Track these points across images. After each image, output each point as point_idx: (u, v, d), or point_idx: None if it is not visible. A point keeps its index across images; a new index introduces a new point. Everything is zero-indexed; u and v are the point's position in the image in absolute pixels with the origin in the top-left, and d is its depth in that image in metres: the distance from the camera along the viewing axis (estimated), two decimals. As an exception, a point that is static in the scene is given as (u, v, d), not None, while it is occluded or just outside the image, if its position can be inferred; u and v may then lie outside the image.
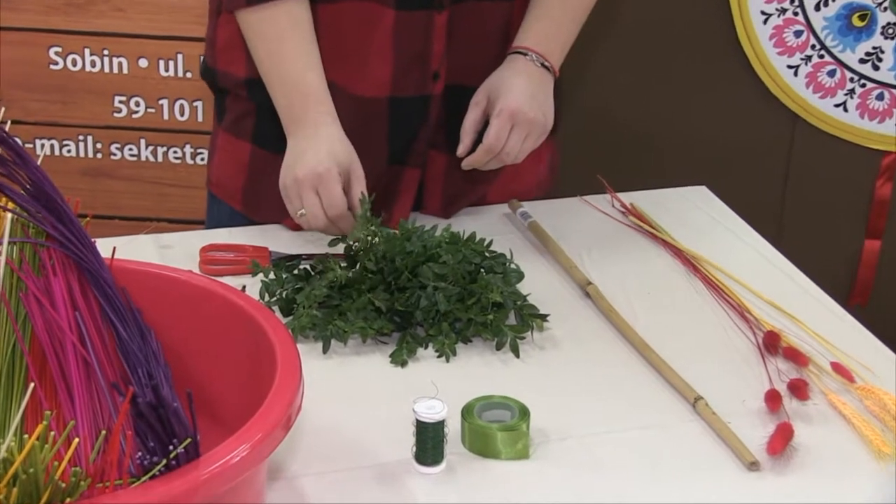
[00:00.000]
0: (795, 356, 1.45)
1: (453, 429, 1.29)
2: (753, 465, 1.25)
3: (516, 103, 1.69)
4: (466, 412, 1.31)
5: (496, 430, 1.28)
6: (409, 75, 1.73)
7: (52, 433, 0.98)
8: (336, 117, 1.67)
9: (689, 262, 1.69)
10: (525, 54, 1.73)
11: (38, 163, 1.26)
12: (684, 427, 1.34)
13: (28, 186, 1.25)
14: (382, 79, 1.73)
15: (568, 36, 1.79)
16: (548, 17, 1.76)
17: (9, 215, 1.24)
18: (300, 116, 1.66)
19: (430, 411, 1.24)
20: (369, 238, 1.52)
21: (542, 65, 1.74)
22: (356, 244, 1.53)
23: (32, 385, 1.05)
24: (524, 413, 1.31)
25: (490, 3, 1.74)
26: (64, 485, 0.96)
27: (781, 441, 1.29)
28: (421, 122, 1.75)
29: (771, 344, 1.48)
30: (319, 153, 1.63)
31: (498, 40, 1.77)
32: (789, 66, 2.76)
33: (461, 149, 1.72)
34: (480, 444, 1.29)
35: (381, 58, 1.71)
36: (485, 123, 1.72)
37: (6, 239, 1.23)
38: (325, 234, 1.64)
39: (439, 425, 1.24)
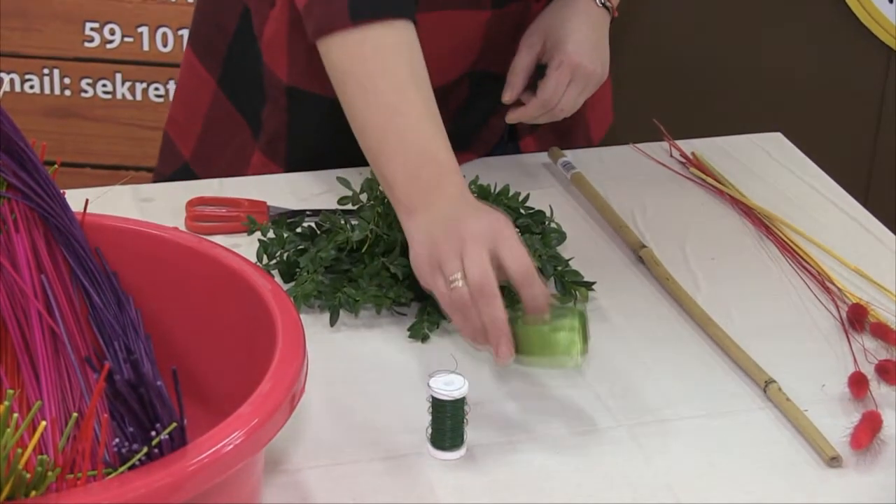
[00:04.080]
0: (885, 333, 1.46)
1: (494, 400, 1.32)
2: (834, 461, 1.25)
3: (577, 56, 1.70)
4: (514, 317, 1.30)
5: (548, 330, 1.29)
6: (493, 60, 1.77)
7: (15, 416, 0.98)
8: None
9: (761, 223, 1.69)
10: None
11: (-2, 99, 1.27)
12: (753, 415, 1.34)
13: (-14, 127, 1.25)
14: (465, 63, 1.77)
15: None
16: None
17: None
18: (433, 187, 1.44)
19: (449, 387, 1.24)
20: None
21: (603, 3, 1.74)
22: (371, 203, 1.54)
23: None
24: (580, 318, 1.30)
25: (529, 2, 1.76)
26: (28, 475, 0.96)
27: (868, 433, 1.29)
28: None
29: (857, 319, 1.48)
30: (487, 214, 1.40)
31: None
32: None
33: (509, 94, 1.72)
34: (533, 343, 1.30)
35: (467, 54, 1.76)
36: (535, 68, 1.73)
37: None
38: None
39: (459, 403, 1.25)
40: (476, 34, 1.73)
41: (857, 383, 1.36)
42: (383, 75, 1.47)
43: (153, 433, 1.01)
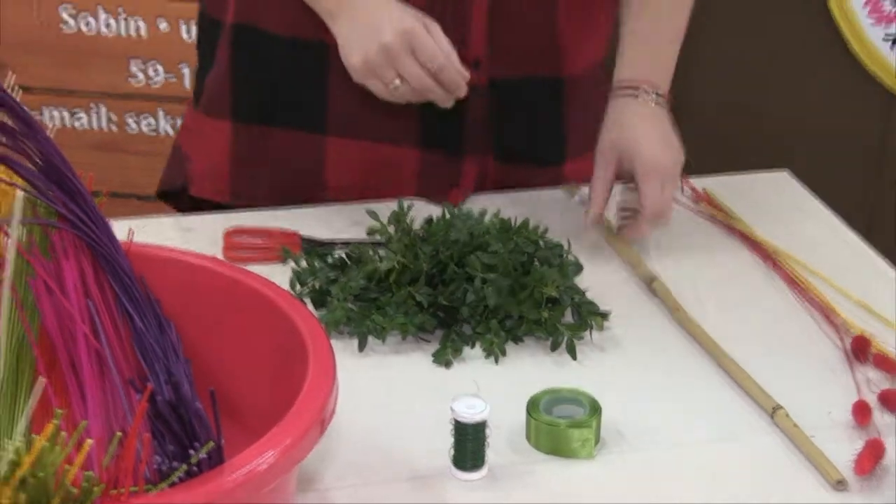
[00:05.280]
0: (887, 364, 1.45)
1: (515, 425, 1.31)
2: (840, 484, 1.25)
3: (656, 160, 1.68)
4: (532, 406, 1.32)
5: (564, 426, 1.29)
6: None
7: (63, 434, 0.99)
8: None
9: (769, 257, 1.69)
10: (635, 94, 1.73)
11: (48, 134, 1.27)
12: (761, 440, 1.34)
13: (37, 160, 1.26)
14: None
15: (673, 55, 1.79)
16: (648, 39, 1.78)
17: (18, 192, 1.25)
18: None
19: (471, 411, 1.24)
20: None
21: (656, 97, 1.73)
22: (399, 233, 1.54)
23: (42, 382, 1.06)
24: (594, 409, 1.32)
25: None
26: (75, 491, 0.97)
27: (871, 459, 1.28)
28: (465, 109, 1.76)
29: (860, 350, 1.48)
30: (397, 14, 1.61)
31: (546, 27, 1.78)
32: (886, 38, 2.75)
33: (595, 212, 1.70)
34: (546, 440, 1.30)
35: None
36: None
37: (15, 219, 1.24)
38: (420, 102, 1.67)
39: (480, 426, 1.24)
40: None
41: (861, 412, 1.36)
42: None
43: (192, 451, 1.01)
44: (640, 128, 1.71)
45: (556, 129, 1.82)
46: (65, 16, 2.69)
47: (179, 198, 1.91)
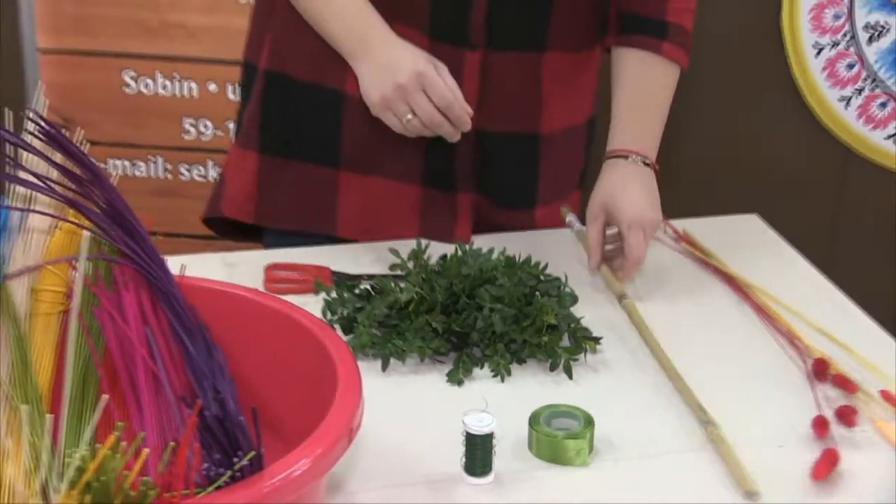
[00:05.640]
0: (844, 383, 1.44)
1: (518, 437, 1.31)
2: (751, 495, 1.23)
3: (640, 214, 1.67)
4: (534, 420, 1.32)
5: (561, 437, 1.29)
6: None
7: (123, 444, 0.99)
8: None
9: (740, 289, 1.68)
10: (626, 158, 1.72)
11: (112, 182, 1.27)
12: (694, 455, 1.33)
13: (102, 205, 1.26)
14: None
15: (659, 126, 1.78)
16: (642, 113, 1.77)
17: (85, 233, 1.25)
18: (368, 36, 1.69)
19: (480, 424, 1.24)
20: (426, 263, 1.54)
21: (644, 163, 1.73)
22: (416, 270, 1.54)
23: (105, 398, 1.05)
24: (588, 422, 1.31)
25: (521, 52, 1.75)
26: (133, 493, 0.97)
27: (826, 466, 1.28)
28: (455, 153, 1.76)
29: (820, 371, 1.47)
30: (411, 57, 1.66)
31: (531, 90, 1.78)
32: (841, 99, 2.75)
33: (594, 264, 1.69)
34: (546, 450, 1.29)
35: None
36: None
37: (83, 256, 1.24)
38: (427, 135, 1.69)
39: (488, 437, 1.24)
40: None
41: (820, 425, 1.35)
42: None
43: (235, 459, 1.01)
44: (628, 191, 1.69)
45: (530, 178, 1.82)
46: (127, 79, 2.69)
47: (218, 222, 1.92)
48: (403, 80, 1.62)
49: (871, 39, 2.70)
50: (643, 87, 1.78)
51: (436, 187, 1.80)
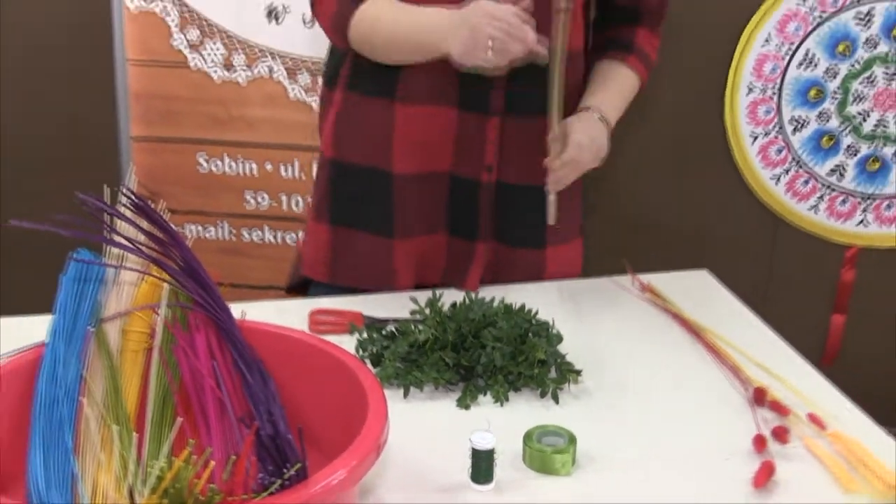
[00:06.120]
0: (778, 408, 1.43)
1: (515, 451, 1.30)
2: None
3: (587, 137, 1.70)
4: (527, 437, 1.30)
5: (549, 452, 1.28)
6: (467, 162, 1.75)
7: (194, 457, 0.98)
8: None
9: (694, 331, 1.67)
10: (588, 110, 1.75)
11: (187, 243, 1.27)
12: (667, 466, 1.32)
13: (179, 262, 1.26)
14: (446, 161, 1.75)
15: (620, 105, 1.81)
16: (606, 89, 1.79)
17: (166, 285, 1.25)
18: (433, 22, 1.61)
19: (483, 441, 1.23)
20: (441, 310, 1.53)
21: (601, 119, 1.74)
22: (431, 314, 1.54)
23: (180, 420, 1.05)
24: (571, 440, 1.30)
25: (536, 116, 1.73)
26: (202, 498, 0.96)
27: (765, 476, 1.27)
28: (478, 204, 1.76)
29: (759, 398, 1.46)
30: (472, 6, 1.56)
31: (541, 147, 1.76)
32: (772, 177, 2.75)
33: (550, 135, 1.70)
34: (537, 462, 1.28)
35: (445, 146, 1.74)
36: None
37: (163, 303, 1.24)
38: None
39: (490, 452, 1.23)
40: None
41: (759, 442, 1.34)
42: (382, 19, 1.65)
43: (285, 470, 1.00)
44: (583, 124, 1.72)
45: (541, 224, 1.80)
46: (201, 160, 2.70)
47: (297, 289, 1.92)
48: (474, 20, 1.53)
49: (794, 130, 2.70)
50: (610, 77, 1.81)
51: (459, 236, 1.80)
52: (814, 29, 2.63)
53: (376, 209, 1.78)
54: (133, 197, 1.23)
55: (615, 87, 1.81)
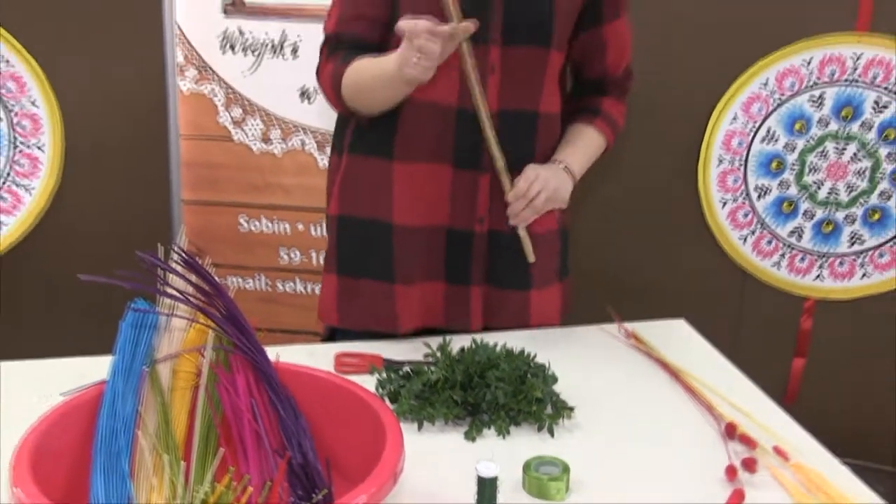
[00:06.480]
0: (747, 441, 1.42)
1: (515, 479, 1.28)
2: None
3: (542, 174, 1.70)
4: (526, 466, 1.29)
5: (546, 479, 1.26)
6: (461, 215, 1.74)
7: (234, 483, 0.97)
8: None
9: (673, 373, 1.66)
10: (555, 162, 1.75)
11: (230, 294, 1.27)
12: (650, 490, 1.30)
13: (222, 310, 1.26)
14: (443, 215, 1.74)
15: (584, 162, 1.80)
16: (574, 147, 1.78)
17: (210, 331, 1.25)
18: (390, 62, 1.57)
19: (487, 470, 1.21)
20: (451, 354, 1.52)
21: (564, 169, 1.74)
22: (439, 355, 1.53)
23: (222, 450, 1.04)
24: (566, 469, 1.28)
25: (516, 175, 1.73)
26: (240, 520, 0.95)
27: (736, 502, 1.26)
28: (471, 253, 1.75)
29: (730, 432, 1.44)
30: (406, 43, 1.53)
31: None
32: (740, 237, 2.75)
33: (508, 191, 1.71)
34: (535, 489, 1.27)
35: (441, 201, 1.73)
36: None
37: (208, 347, 1.24)
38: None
39: (494, 480, 1.21)
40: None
41: (730, 471, 1.32)
42: (362, 67, 1.64)
43: (313, 495, 0.99)
44: (546, 169, 1.71)
45: (526, 268, 1.79)
46: (242, 221, 2.71)
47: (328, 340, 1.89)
48: (403, 46, 1.52)
49: (759, 197, 2.70)
50: (578, 136, 1.80)
51: (456, 282, 1.78)
52: (774, 109, 2.64)
53: (378, 257, 1.76)
54: (183, 254, 1.23)
55: (582, 145, 1.80)
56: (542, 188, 1.69)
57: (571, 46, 1.77)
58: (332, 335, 1.88)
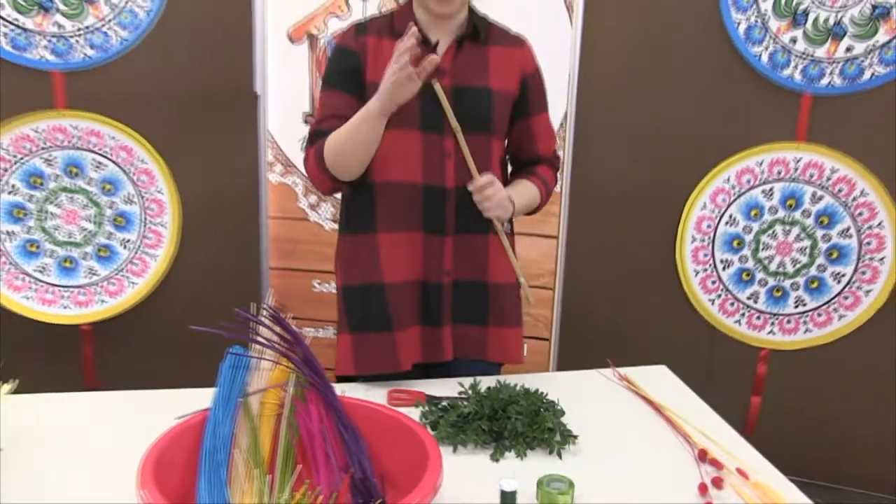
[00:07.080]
0: (716, 463, 1.39)
1: (531, 493, 1.26)
2: None
3: (495, 180, 1.66)
4: (539, 482, 1.26)
5: (555, 493, 1.24)
6: (432, 272, 1.70)
7: (308, 492, 0.96)
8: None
9: (657, 408, 1.63)
10: None
11: (306, 341, 1.28)
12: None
13: (300, 355, 1.26)
14: (419, 270, 1.70)
15: (522, 201, 1.75)
16: (514, 189, 1.74)
17: (291, 372, 1.25)
18: (373, 108, 1.57)
19: (509, 485, 1.20)
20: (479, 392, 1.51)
21: (509, 198, 1.70)
22: (471, 394, 1.52)
23: (299, 466, 1.04)
24: (571, 485, 1.26)
25: (475, 234, 1.71)
26: (313, 523, 0.94)
27: (710, 515, 1.23)
28: (441, 298, 1.71)
29: (702, 456, 1.41)
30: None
31: (487, 257, 1.73)
32: (709, 300, 2.73)
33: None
34: (546, 501, 1.24)
35: (416, 260, 1.69)
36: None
37: (290, 384, 1.24)
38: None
39: (514, 493, 1.20)
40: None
41: (702, 488, 1.30)
42: (339, 130, 1.59)
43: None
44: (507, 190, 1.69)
45: (484, 310, 1.74)
46: (314, 283, 2.73)
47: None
48: (383, 76, 1.53)
49: (724, 268, 2.69)
50: (519, 185, 1.76)
51: (430, 325, 1.73)
52: (735, 200, 2.65)
53: (378, 313, 1.70)
54: (270, 309, 1.24)
55: (522, 190, 1.76)
56: (494, 193, 1.67)
57: (509, 136, 1.78)
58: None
